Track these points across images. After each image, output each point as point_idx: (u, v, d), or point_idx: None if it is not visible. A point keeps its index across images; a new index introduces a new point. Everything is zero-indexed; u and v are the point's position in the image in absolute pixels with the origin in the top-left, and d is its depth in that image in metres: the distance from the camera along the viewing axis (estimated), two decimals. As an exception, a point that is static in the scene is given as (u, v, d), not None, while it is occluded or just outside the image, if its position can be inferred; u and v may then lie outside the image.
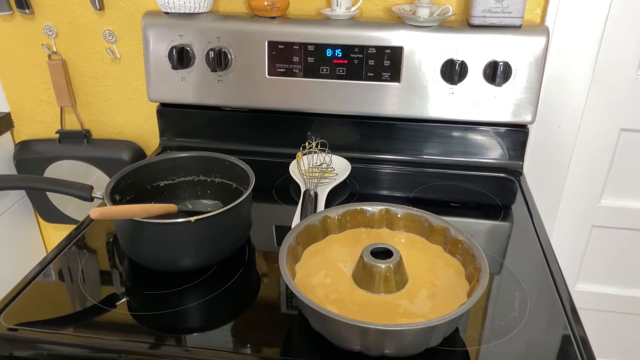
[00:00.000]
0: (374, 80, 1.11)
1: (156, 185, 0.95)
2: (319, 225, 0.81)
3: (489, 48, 1.06)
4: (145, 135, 1.38)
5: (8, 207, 1.41)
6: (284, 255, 0.71)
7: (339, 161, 1.13)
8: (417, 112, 1.13)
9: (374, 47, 1.09)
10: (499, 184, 1.14)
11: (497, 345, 0.70)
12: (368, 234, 0.83)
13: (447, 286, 0.73)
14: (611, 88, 1.18)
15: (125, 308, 0.77)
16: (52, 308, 0.77)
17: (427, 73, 1.09)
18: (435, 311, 0.68)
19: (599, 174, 1.28)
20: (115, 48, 1.28)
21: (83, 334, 0.72)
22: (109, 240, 0.93)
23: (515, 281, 0.82)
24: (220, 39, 1.13)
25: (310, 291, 0.71)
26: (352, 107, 1.15)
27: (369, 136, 1.20)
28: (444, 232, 0.78)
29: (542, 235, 0.95)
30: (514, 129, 1.15)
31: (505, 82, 1.07)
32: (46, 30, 1.27)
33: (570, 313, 0.76)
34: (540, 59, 1.06)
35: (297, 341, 0.72)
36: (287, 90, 1.15)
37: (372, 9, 1.17)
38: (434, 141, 1.18)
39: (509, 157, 1.18)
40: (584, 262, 1.40)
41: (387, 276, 0.70)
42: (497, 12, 1.05)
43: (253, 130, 1.24)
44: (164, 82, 1.19)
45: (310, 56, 1.11)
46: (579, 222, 1.34)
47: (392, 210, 0.83)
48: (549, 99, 1.17)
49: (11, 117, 1.40)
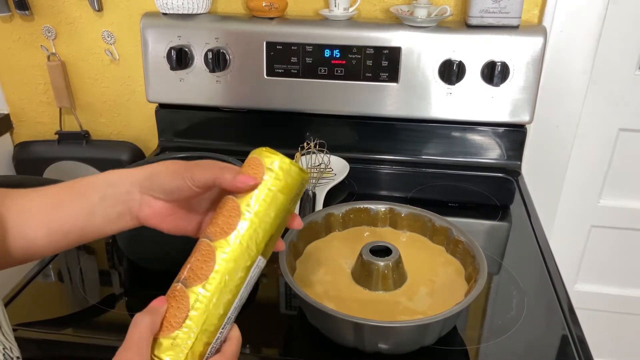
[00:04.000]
0: (372, 81, 1.12)
1: (155, 185, 0.95)
2: (322, 223, 0.82)
3: (486, 48, 1.07)
4: (144, 136, 1.38)
5: (7, 208, 1.41)
6: (284, 250, 0.72)
7: (337, 161, 1.13)
8: (415, 112, 1.13)
9: (372, 48, 1.09)
10: (497, 184, 1.14)
11: (495, 345, 0.70)
12: (371, 233, 0.83)
13: (447, 285, 0.73)
14: (609, 88, 1.19)
15: (124, 308, 0.77)
16: (51, 308, 0.77)
17: (425, 73, 1.09)
18: (433, 310, 0.68)
19: (598, 174, 1.29)
20: (114, 49, 1.28)
21: (82, 334, 0.72)
22: (108, 241, 0.93)
23: (513, 281, 0.82)
24: (219, 39, 1.13)
25: (309, 287, 0.71)
26: (350, 108, 1.15)
27: (367, 136, 1.20)
28: (447, 232, 0.79)
29: (540, 235, 0.95)
30: (512, 129, 1.15)
31: (503, 82, 1.07)
32: (45, 31, 1.27)
33: (567, 313, 0.76)
34: (537, 59, 1.06)
35: (296, 341, 0.72)
36: (285, 90, 1.15)
37: (370, 9, 1.17)
38: (432, 141, 1.18)
39: (507, 157, 1.18)
40: (583, 262, 1.40)
41: (385, 274, 0.70)
42: (494, 12, 1.05)
43: (251, 130, 1.25)
44: (162, 83, 1.19)
45: (309, 57, 1.12)
46: (577, 222, 1.34)
47: (396, 210, 0.83)
48: (547, 99, 1.17)
49: (10, 118, 1.40)
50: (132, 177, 0.56)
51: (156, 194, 0.56)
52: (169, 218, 0.58)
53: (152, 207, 0.56)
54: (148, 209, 0.56)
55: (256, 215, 0.51)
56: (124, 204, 0.56)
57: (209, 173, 0.53)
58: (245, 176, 0.51)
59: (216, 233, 0.51)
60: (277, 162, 0.52)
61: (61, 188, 0.57)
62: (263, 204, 0.51)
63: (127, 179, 0.56)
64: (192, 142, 1.26)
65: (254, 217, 0.51)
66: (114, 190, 0.56)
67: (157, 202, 0.56)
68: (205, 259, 0.50)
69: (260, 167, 0.52)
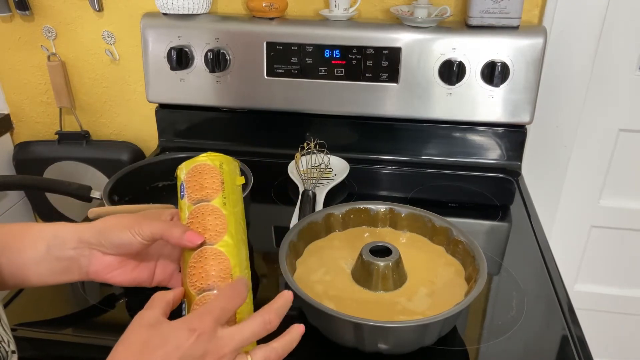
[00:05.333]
0: (372, 81, 1.12)
1: (155, 186, 0.95)
2: (322, 223, 0.82)
3: (486, 48, 1.07)
4: (144, 136, 1.38)
5: (7, 207, 1.41)
6: (284, 250, 0.72)
7: (338, 162, 1.13)
8: (415, 112, 1.13)
9: (372, 48, 1.09)
10: (497, 185, 1.14)
11: (495, 345, 0.70)
12: (371, 233, 0.83)
13: (446, 286, 0.73)
14: (609, 88, 1.19)
15: (124, 308, 0.77)
16: (51, 308, 0.77)
17: (425, 74, 1.09)
18: (433, 310, 0.68)
19: (598, 174, 1.29)
20: (114, 49, 1.28)
21: (82, 334, 0.72)
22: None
23: (513, 281, 0.82)
24: (219, 39, 1.13)
25: (309, 287, 0.71)
26: (350, 108, 1.15)
27: (367, 137, 1.20)
28: (447, 232, 0.79)
29: (540, 235, 0.95)
30: (512, 129, 1.15)
31: (503, 82, 1.07)
32: (45, 31, 1.27)
33: (567, 313, 0.76)
34: (538, 60, 1.06)
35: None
36: (285, 91, 1.15)
37: (370, 9, 1.17)
38: (432, 141, 1.18)
39: (507, 158, 1.18)
40: (583, 263, 1.40)
41: (385, 274, 0.70)
42: (494, 12, 1.05)
43: (251, 131, 1.25)
44: (162, 83, 1.19)
45: (309, 57, 1.12)
46: (577, 222, 1.34)
47: (396, 210, 0.83)
48: (547, 99, 1.17)
49: (10, 119, 1.40)
50: (80, 234, 0.57)
51: (105, 249, 0.57)
52: (119, 271, 0.59)
53: (102, 262, 0.58)
54: (97, 264, 0.58)
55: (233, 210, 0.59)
56: (71, 260, 0.57)
57: (157, 227, 0.55)
58: (191, 234, 0.55)
59: (212, 237, 0.56)
60: (224, 162, 0.61)
61: (9, 231, 0.58)
62: (232, 198, 0.60)
63: (76, 235, 0.57)
64: (192, 143, 1.26)
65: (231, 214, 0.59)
66: (62, 244, 0.57)
67: (105, 257, 0.58)
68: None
69: (215, 173, 0.60)
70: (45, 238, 0.57)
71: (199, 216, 0.57)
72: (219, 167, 0.60)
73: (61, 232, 0.57)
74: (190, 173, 0.60)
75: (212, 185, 0.59)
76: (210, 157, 0.60)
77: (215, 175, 0.59)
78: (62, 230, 0.58)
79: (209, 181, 0.59)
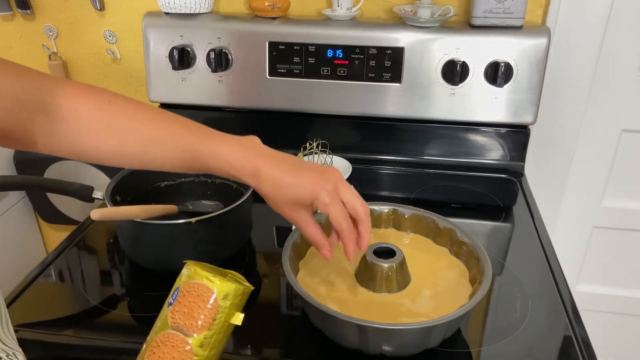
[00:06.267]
0: (375, 81, 1.11)
1: (157, 186, 0.95)
2: (325, 224, 0.81)
3: (490, 49, 1.06)
4: (145, 135, 1.38)
5: (8, 207, 1.41)
6: (287, 251, 0.72)
7: (340, 162, 1.13)
8: (418, 112, 1.13)
9: (375, 48, 1.09)
10: (500, 185, 1.14)
11: (499, 347, 0.70)
12: (374, 234, 0.83)
13: (450, 287, 0.72)
14: (612, 89, 1.18)
15: (126, 309, 0.77)
16: (52, 309, 0.77)
17: (428, 74, 1.09)
18: (437, 311, 0.67)
19: (600, 174, 1.28)
20: (116, 48, 1.27)
21: (83, 335, 0.72)
22: (110, 241, 0.93)
23: (517, 282, 0.82)
24: (221, 39, 1.13)
25: (312, 288, 0.71)
26: (352, 108, 1.15)
27: (370, 137, 1.20)
28: (451, 233, 0.78)
29: (543, 236, 0.95)
30: (515, 129, 1.15)
31: (507, 82, 1.07)
32: (47, 30, 1.27)
33: (571, 314, 0.76)
34: (541, 60, 1.06)
35: (299, 343, 0.72)
36: (287, 90, 1.15)
37: (373, 9, 1.17)
38: (435, 142, 1.18)
39: (510, 158, 1.17)
40: (585, 263, 1.40)
41: (389, 275, 0.70)
42: (498, 12, 1.04)
43: (253, 130, 1.22)
44: (164, 83, 1.19)
45: (311, 57, 1.11)
46: (580, 223, 1.34)
47: (399, 211, 0.83)
48: (550, 99, 1.17)
49: (11, 118, 1.39)
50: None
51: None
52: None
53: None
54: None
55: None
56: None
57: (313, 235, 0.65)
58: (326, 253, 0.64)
59: None
60: (231, 294, 0.54)
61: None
62: (216, 338, 0.54)
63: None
64: (194, 142, 1.26)
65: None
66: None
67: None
68: None
69: (213, 306, 0.53)
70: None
71: (166, 347, 0.53)
72: (221, 300, 0.53)
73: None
74: (189, 286, 0.54)
75: (201, 318, 0.53)
76: (218, 284, 0.53)
77: (212, 309, 0.53)
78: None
79: (200, 312, 0.53)
